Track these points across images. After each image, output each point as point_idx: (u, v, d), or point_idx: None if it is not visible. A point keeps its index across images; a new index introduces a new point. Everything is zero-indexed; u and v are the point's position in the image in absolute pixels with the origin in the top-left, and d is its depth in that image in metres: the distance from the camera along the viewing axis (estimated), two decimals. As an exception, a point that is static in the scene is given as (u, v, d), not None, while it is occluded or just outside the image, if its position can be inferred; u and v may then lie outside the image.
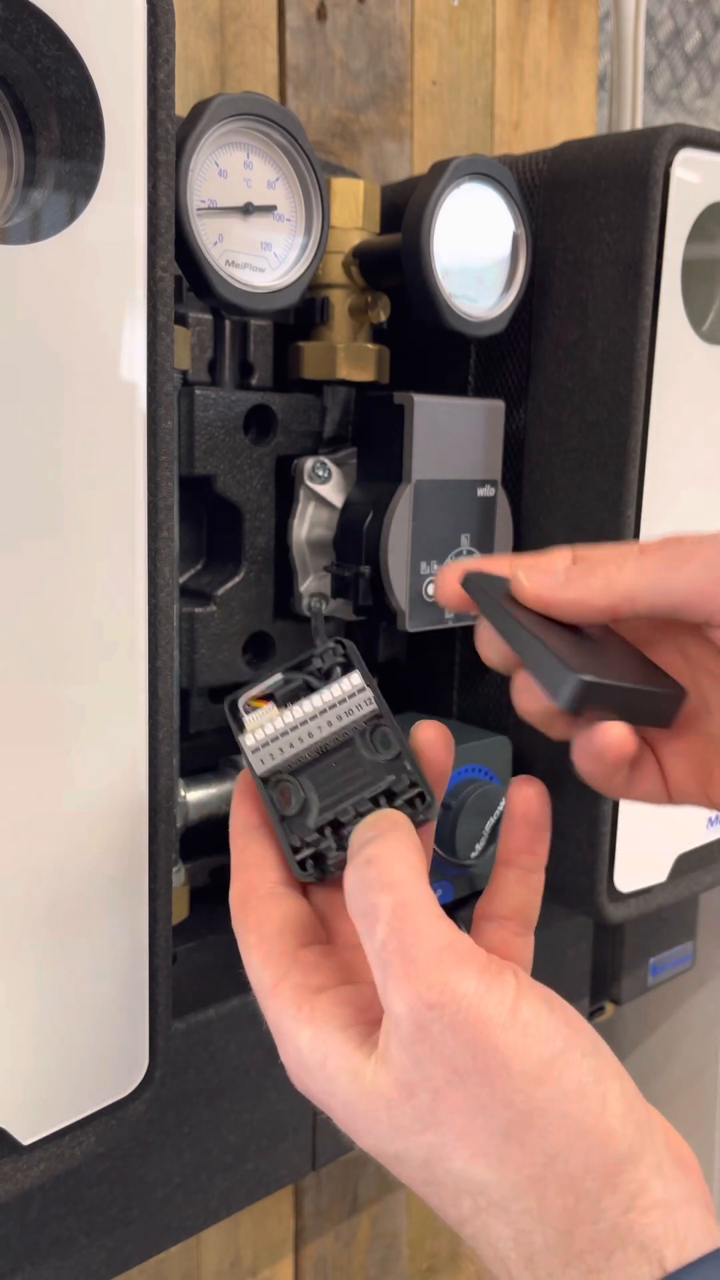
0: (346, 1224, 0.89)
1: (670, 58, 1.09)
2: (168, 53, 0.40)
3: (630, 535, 0.60)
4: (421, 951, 0.29)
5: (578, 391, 0.61)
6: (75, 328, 0.39)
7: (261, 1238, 0.82)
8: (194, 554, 0.63)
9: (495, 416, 0.62)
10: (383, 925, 0.30)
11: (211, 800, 0.63)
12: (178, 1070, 0.56)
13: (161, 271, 0.42)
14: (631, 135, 0.58)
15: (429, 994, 0.28)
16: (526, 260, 0.61)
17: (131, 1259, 0.57)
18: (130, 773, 0.44)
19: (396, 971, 0.29)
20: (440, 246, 0.58)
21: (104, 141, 0.39)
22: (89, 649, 0.42)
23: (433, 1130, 0.29)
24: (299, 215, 0.55)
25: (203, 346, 0.60)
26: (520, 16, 0.90)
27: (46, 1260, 0.53)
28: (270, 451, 0.61)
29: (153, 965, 0.46)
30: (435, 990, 0.28)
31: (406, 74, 0.82)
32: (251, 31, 0.73)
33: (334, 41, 0.77)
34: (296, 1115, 0.63)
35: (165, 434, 0.43)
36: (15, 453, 0.38)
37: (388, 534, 0.58)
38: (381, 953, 0.29)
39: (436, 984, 0.28)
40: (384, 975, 0.29)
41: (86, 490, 0.41)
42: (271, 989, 0.33)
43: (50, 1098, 0.44)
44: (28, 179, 0.41)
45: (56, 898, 0.43)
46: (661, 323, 0.58)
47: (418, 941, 0.29)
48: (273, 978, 0.33)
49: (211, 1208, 0.60)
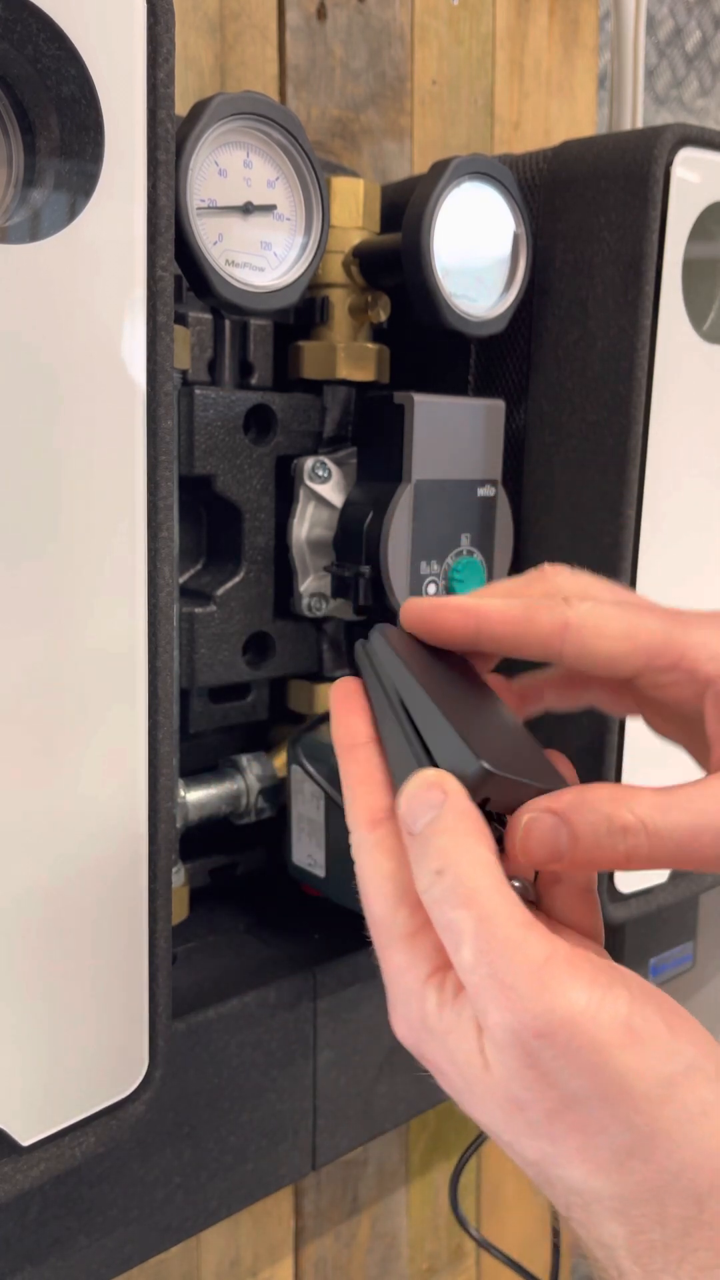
0: (346, 1224, 0.89)
1: (670, 57, 1.09)
2: (168, 52, 0.40)
3: (630, 535, 0.60)
4: (518, 976, 0.27)
5: (578, 391, 0.61)
6: (75, 327, 0.39)
7: (261, 1238, 0.82)
8: (194, 554, 0.63)
9: (495, 416, 0.62)
10: (468, 948, 0.28)
11: (211, 800, 0.63)
12: (177, 1071, 0.56)
13: (161, 271, 0.42)
14: (632, 135, 0.58)
15: (535, 1024, 0.27)
16: (527, 260, 0.61)
17: (131, 1259, 0.57)
18: (130, 773, 0.44)
19: (493, 999, 0.27)
20: (440, 246, 0.58)
21: (104, 141, 0.39)
22: (89, 649, 0.42)
23: (547, 1141, 0.28)
24: (299, 215, 0.55)
25: (202, 346, 0.60)
26: (520, 16, 0.90)
27: (46, 1260, 0.53)
28: (270, 451, 0.61)
29: (152, 965, 0.46)
30: (542, 1019, 0.27)
31: (406, 73, 0.82)
32: (251, 31, 0.73)
33: (334, 41, 0.77)
34: (296, 1115, 0.63)
35: (165, 434, 0.43)
36: (14, 453, 0.38)
37: (388, 534, 0.58)
38: (472, 976, 0.28)
39: (542, 1012, 0.27)
40: (479, 998, 0.28)
41: (86, 490, 0.41)
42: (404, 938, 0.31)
43: (50, 1098, 0.44)
44: (27, 178, 0.41)
45: (56, 898, 0.43)
46: (662, 322, 0.58)
47: (511, 965, 0.27)
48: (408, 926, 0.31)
49: (211, 1208, 0.60)
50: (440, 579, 0.61)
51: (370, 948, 0.33)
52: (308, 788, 0.62)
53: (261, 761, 0.65)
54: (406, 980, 0.31)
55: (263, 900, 0.69)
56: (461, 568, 0.61)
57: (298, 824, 0.64)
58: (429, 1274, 0.98)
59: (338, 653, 0.67)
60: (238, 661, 0.62)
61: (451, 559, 0.61)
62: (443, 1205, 0.97)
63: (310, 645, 0.66)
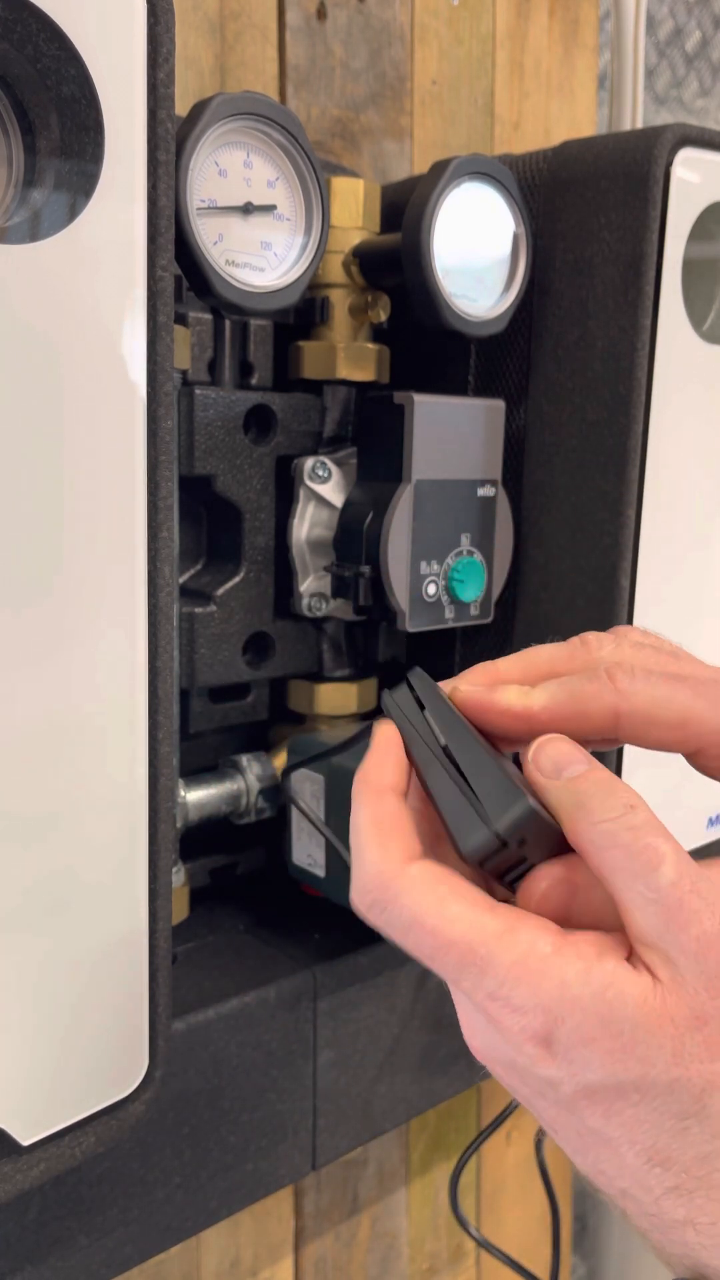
0: (346, 1224, 0.89)
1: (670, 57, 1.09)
2: (168, 52, 0.40)
3: (630, 535, 0.60)
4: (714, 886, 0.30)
5: (578, 391, 0.61)
6: (75, 327, 0.39)
7: (261, 1238, 0.82)
8: (194, 554, 0.63)
9: (495, 416, 0.62)
10: (669, 866, 0.30)
11: (211, 800, 0.63)
12: (177, 1070, 0.56)
13: (161, 271, 0.42)
14: (632, 135, 0.58)
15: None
16: (526, 260, 0.61)
17: (131, 1259, 0.57)
18: (130, 773, 0.44)
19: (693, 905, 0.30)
20: (440, 246, 0.58)
21: (104, 141, 0.39)
22: (88, 649, 0.42)
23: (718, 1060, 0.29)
24: (299, 215, 0.55)
25: (203, 346, 0.60)
26: (520, 16, 0.90)
27: (46, 1260, 0.53)
28: (270, 451, 0.61)
29: (152, 965, 0.46)
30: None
31: (406, 74, 0.82)
32: (251, 31, 0.73)
33: (334, 41, 0.77)
34: (296, 1115, 0.63)
35: (165, 434, 0.43)
36: (14, 453, 0.38)
37: (388, 534, 0.58)
38: (674, 891, 0.30)
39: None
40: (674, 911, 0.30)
41: (86, 490, 0.41)
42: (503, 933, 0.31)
43: (50, 1098, 0.44)
44: (27, 178, 0.41)
45: (56, 898, 0.43)
46: (662, 322, 0.58)
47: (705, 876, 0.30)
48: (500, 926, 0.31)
49: (211, 1208, 0.60)
50: (440, 579, 0.61)
51: (371, 947, 0.33)
52: (308, 787, 0.62)
53: (261, 761, 0.65)
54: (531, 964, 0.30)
55: (263, 900, 0.69)
56: (461, 568, 0.61)
57: (298, 824, 0.64)
58: (429, 1274, 0.98)
59: (338, 653, 0.67)
60: (238, 661, 0.62)
61: (451, 559, 0.61)
62: (443, 1205, 0.97)
63: (310, 645, 0.66)
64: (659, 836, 0.30)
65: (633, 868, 0.30)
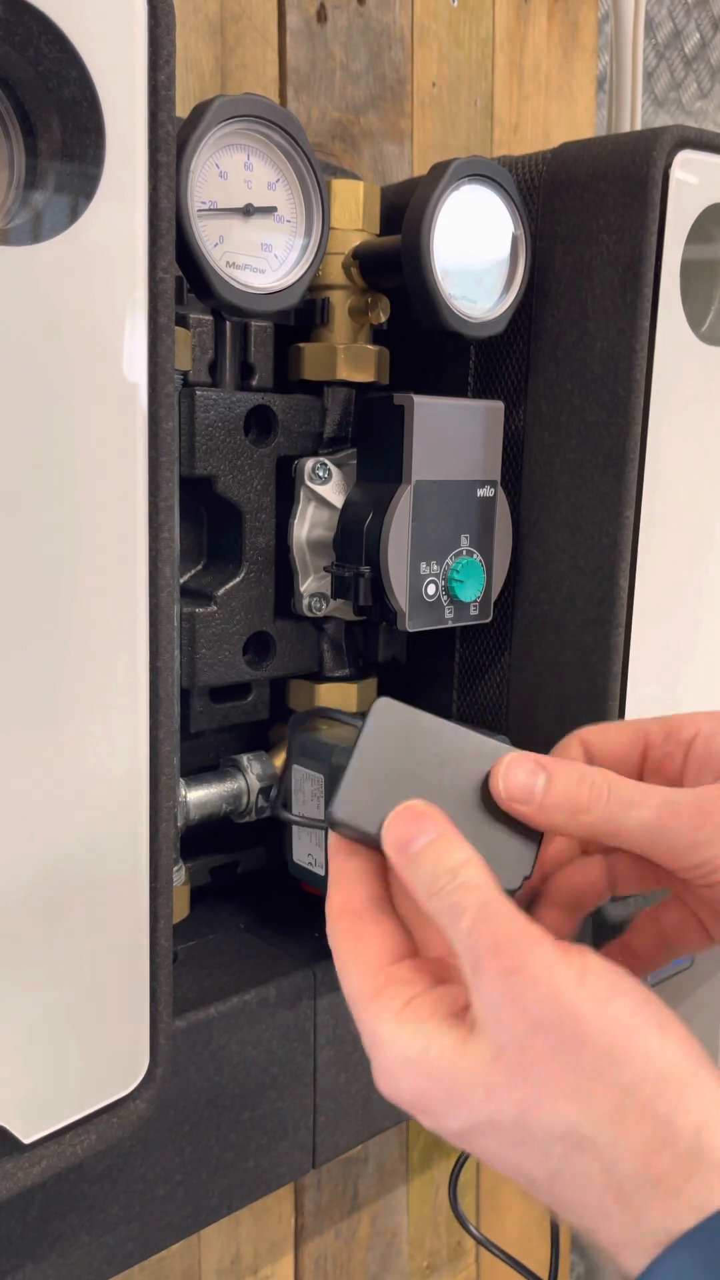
0: (346, 1222, 0.89)
1: (669, 59, 1.09)
2: (168, 55, 0.40)
3: (629, 535, 0.60)
4: (504, 934, 0.33)
5: (577, 393, 0.61)
6: (76, 329, 0.40)
7: (262, 1236, 0.82)
8: (194, 554, 0.63)
9: (495, 417, 0.62)
10: (469, 917, 0.34)
11: (212, 799, 0.63)
12: (178, 1069, 0.56)
13: (162, 273, 0.42)
14: (630, 137, 0.58)
15: (510, 962, 0.32)
16: (526, 261, 0.61)
17: (132, 1257, 0.57)
18: (130, 773, 0.44)
19: (484, 948, 0.33)
20: (440, 248, 0.58)
21: (105, 143, 0.39)
22: (89, 649, 0.42)
23: (522, 1083, 0.32)
24: (299, 216, 0.55)
25: (203, 347, 0.60)
26: (519, 18, 0.90)
27: (48, 1258, 0.53)
28: (271, 452, 0.61)
29: (153, 964, 0.46)
30: (515, 958, 0.32)
31: (406, 76, 0.82)
32: (252, 34, 0.73)
33: (334, 44, 0.77)
34: (297, 1113, 0.63)
35: (166, 435, 0.43)
36: (15, 453, 0.39)
37: (388, 534, 0.58)
38: (469, 938, 0.33)
39: (516, 954, 0.32)
40: (472, 956, 0.33)
41: (87, 490, 0.41)
42: (371, 997, 0.35)
43: (51, 1096, 0.44)
44: (29, 180, 0.41)
45: (58, 897, 0.43)
46: (661, 324, 0.58)
47: (499, 926, 0.33)
48: (372, 989, 0.36)
49: (212, 1206, 0.60)
50: (440, 579, 0.61)
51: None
52: (308, 787, 0.63)
53: (262, 761, 0.65)
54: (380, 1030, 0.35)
55: (263, 899, 0.69)
56: (461, 568, 0.61)
57: (298, 823, 0.64)
58: (429, 1271, 0.99)
59: (338, 652, 0.67)
60: (238, 661, 0.62)
61: (451, 559, 0.61)
62: (442, 1203, 0.98)
63: (310, 645, 0.66)
64: (470, 894, 0.34)
65: (445, 923, 0.34)
